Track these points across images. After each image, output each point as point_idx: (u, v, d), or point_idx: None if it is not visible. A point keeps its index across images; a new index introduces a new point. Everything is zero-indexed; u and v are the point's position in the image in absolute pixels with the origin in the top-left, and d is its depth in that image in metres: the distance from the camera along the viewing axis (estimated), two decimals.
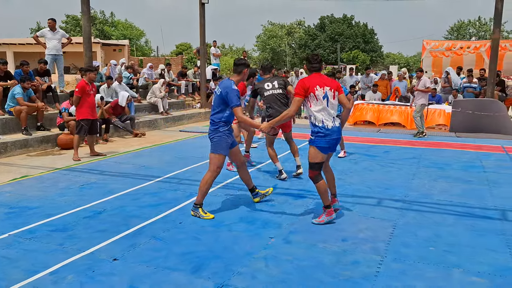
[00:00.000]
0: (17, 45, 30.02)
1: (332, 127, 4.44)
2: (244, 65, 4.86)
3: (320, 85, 4.46)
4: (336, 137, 4.50)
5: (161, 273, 3.50)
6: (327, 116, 4.46)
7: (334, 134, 4.47)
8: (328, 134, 4.43)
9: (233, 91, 4.64)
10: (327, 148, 4.49)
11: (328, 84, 4.51)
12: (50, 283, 3.31)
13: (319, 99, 4.43)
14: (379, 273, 3.54)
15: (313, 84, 4.44)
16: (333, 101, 4.51)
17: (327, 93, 4.46)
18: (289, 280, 3.40)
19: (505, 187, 6.17)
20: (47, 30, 10.71)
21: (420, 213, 5.04)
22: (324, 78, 4.60)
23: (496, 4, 11.07)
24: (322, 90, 4.45)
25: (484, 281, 3.42)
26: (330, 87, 4.51)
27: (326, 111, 4.45)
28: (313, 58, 4.63)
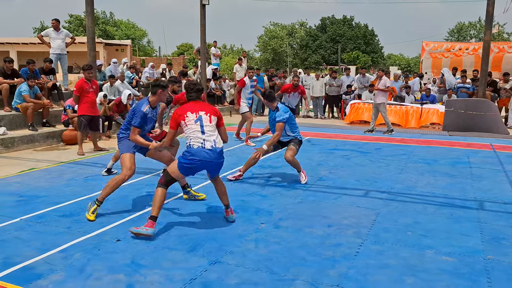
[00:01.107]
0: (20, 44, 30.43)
1: (197, 148, 4.29)
2: (158, 86, 4.94)
3: (192, 111, 4.41)
4: (199, 161, 4.28)
5: (160, 252, 3.86)
6: (196, 137, 4.33)
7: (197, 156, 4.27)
8: (190, 155, 4.29)
9: (138, 111, 4.80)
10: (186, 168, 4.33)
11: (203, 109, 4.45)
12: (60, 259, 3.67)
13: (189, 124, 4.36)
14: (359, 253, 3.89)
15: (184, 112, 4.42)
16: (209, 124, 4.38)
17: (201, 117, 4.38)
18: (276, 258, 3.75)
19: (486, 181, 6.51)
20: (51, 30, 11.10)
21: (403, 203, 5.39)
22: (201, 105, 4.51)
23: (488, 7, 11.41)
24: (194, 115, 4.38)
25: (454, 260, 3.77)
26: (206, 111, 4.44)
27: (195, 134, 4.34)
28: (189, 87, 4.61)
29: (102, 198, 4.77)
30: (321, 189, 6.00)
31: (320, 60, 56.14)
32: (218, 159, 4.41)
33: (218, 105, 16.18)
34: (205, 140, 4.32)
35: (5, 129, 8.62)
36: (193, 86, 4.62)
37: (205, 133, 4.34)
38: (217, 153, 4.36)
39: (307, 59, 57.71)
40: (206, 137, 4.33)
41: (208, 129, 4.37)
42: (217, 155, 4.37)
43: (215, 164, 4.41)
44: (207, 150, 4.30)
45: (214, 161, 4.36)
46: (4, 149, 8.24)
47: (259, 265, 3.62)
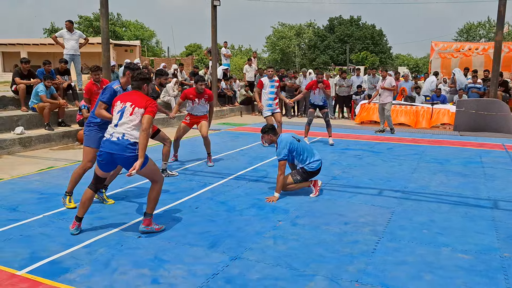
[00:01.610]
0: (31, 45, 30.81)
1: (106, 139, 4.18)
2: (127, 67, 5.01)
3: (122, 100, 4.27)
4: (107, 150, 4.12)
5: (181, 248, 3.96)
6: (109, 127, 4.25)
7: (103, 146, 4.17)
8: (101, 146, 4.21)
9: (107, 88, 4.85)
10: (100, 162, 4.23)
11: (131, 101, 4.21)
12: (85, 254, 3.78)
13: (113, 113, 4.28)
14: (376, 250, 3.96)
15: (116, 100, 4.35)
16: (129, 116, 4.14)
17: (124, 108, 4.20)
18: (294, 255, 3.83)
19: (499, 180, 6.54)
20: (65, 31, 11.29)
21: (417, 202, 5.45)
22: (134, 95, 4.27)
23: (499, 7, 11.39)
24: (121, 105, 4.23)
25: (470, 257, 3.82)
26: (132, 103, 4.19)
27: (111, 124, 4.25)
28: (133, 74, 4.42)
29: (69, 189, 5.11)
30: (336, 188, 6.07)
31: (329, 61, 56.10)
32: (123, 152, 4.08)
33: (229, 105, 16.29)
34: (114, 132, 4.15)
35: (22, 129, 8.79)
36: (138, 74, 4.36)
37: (118, 126, 4.15)
38: (124, 146, 4.07)
39: (315, 59, 57.71)
40: (117, 129, 4.14)
41: (124, 121, 4.14)
42: (123, 148, 4.07)
43: (121, 158, 4.10)
44: (113, 141, 4.10)
45: (117, 153, 4.08)
46: (22, 148, 8.40)
47: (278, 261, 3.70)
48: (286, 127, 11.40)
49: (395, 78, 15.15)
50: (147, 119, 4.12)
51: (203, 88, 7.45)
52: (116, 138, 4.11)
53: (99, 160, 4.23)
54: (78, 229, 4.25)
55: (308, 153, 5.69)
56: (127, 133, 4.11)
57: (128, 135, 4.10)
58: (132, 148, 4.10)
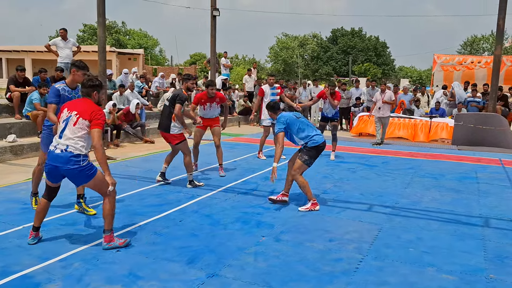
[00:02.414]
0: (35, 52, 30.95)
1: (49, 151, 4.09)
2: (73, 65, 4.90)
3: (69, 109, 4.14)
4: (52, 163, 4.03)
5: (158, 263, 3.86)
6: (54, 139, 4.14)
7: (48, 159, 4.09)
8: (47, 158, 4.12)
9: (52, 88, 4.84)
10: (46, 172, 4.16)
11: (78, 110, 4.08)
12: (59, 268, 3.69)
13: (60, 121, 4.15)
14: (358, 269, 3.85)
15: (64, 107, 4.21)
16: (73, 127, 4.02)
17: (69, 118, 4.07)
18: (274, 272, 3.73)
19: (493, 197, 6.42)
20: (59, 40, 11.19)
21: (407, 218, 5.34)
22: (81, 104, 4.16)
23: (498, 21, 11.35)
24: (67, 113, 4.11)
25: (454, 278, 3.71)
26: (78, 112, 4.06)
27: (56, 135, 4.16)
28: (83, 81, 4.31)
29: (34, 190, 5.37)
30: (325, 202, 5.96)
31: (331, 72, 56.14)
32: (66, 165, 3.96)
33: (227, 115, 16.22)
34: (58, 144, 4.04)
35: (14, 136, 8.75)
36: (87, 81, 4.23)
37: (62, 137, 4.03)
38: (67, 158, 3.95)
39: (318, 70, 57.79)
40: (61, 141, 4.03)
41: (67, 133, 4.03)
42: (66, 160, 3.95)
43: (65, 170, 4.00)
44: (57, 154, 3.99)
45: (61, 166, 3.98)
46: (13, 156, 8.35)
47: (256, 279, 3.60)
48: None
49: (394, 91, 15.11)
50: (96, 133, 4.00)
51: (214, 92, 7.58)
52: (60, 151, 4.00)
53: (45, 171, 4.16)
54: (35, 239, 4.22)
55: (309, 129, 5.66)
56: (70, 145, 3.99)
57: (72, 148, 3.99)
58: (75, 160, 3.97)
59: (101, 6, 10.38)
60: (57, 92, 4.79)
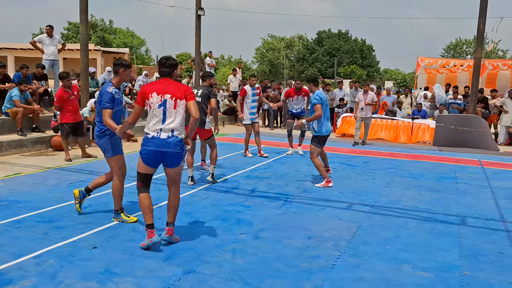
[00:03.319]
0: (18, 49, 30.38)
1: (152, 137, 4.04)
2: (121, 65, 4.70)
3: (158, 92, 4.04)
4: (156, 149, 4.04)
5: (135, 260, 3.83)
6: (154, 125, 4.06)
7: (152, 146, 4.04)
8: (147, 144, 4.08)
9: (105, 93, 4.61)
10: (145, 158, 4.12)
11: (170, 92, 4.05)
12: (33, 265, 3.64)
13: (153, 107, 4.04)
14: (335, 266, 3.87)
15: (150, 90, 4.07)
16: (173, 110, 4.03)
17: (165, 101, 4.04)
18: (251, 269, 3.73)
19: (471, 196, 6.52)
20: (45, 37, 11.10)
21: (386, 216, 5.39)
22: (168, 85, 4.10)
23: (479, 25, 11.53)
24: (159, 97, 4.03)
25: (429, 275, 3.75)
26: (172, 95, 4.05)
27: (154, 121, 4.06)
28: (161, 61, 4.18)
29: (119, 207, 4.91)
30: (305, 201, 5.98)
31: (317, 73, 56.45)
32: (174, 150, 4.05)
33: None
34: (162, 129, 4.02)
35: None
36: (167, 60, 4.16)
37: (166, 121, 4.02)
38: (174, 144, 4.04)
39: (303, 71, 58.04)
40: (164, 126, 4.02)
41: (169, 116, 4.02)
42: (173, 146, 4.04)
43: (171, 155, 4.06)
44: (163, 139, 4.01)
45: (169, 151, 4.04)
46: None
47: (233, 275, 3.60)
48: (268, 138, 11.34)
49: (376, 93, 15.24)
50: (194, 105, 4.08)
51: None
52: (166, 136, 4.02)
53: (145, 158, 4.10)
54: (159, 238, 4.11)
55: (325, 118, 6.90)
56: (175, 129, 4.05)
57: (177, 132, 4.06)
58: (181, 144, 4.10)
59: (84, 2, 10.27)
60: (112, 97, 4.62)
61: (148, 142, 4.05)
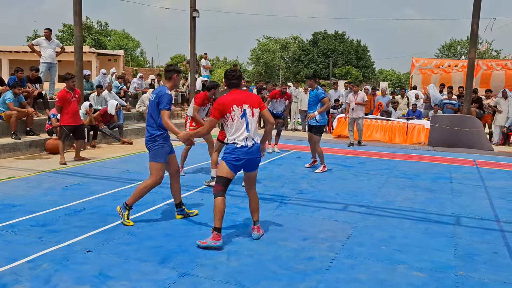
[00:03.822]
0: (12, 52, 30.29)
1: (240, 146, 4.23)
2: (174, 70, 4.83)
3: (238, 104, 4.26)
4: (246, 157, 4.25)
5: (130, 263, 3.82)
6: (240, 135, 4.24)
7: (243, 154, 4.24)
8: (237, 152, 4.23)
9: (165, 95, 4.66)
10: (234, 166, 4.28)
11: (247, 102, 4.30)
12: (27, 269, 3.62)
13: (236, 119, 4.24)
14: (330, 267, 3.87)
15: (230, 103, 4.24)
16: (251, 118, 4.29)
17: (245, 112, 4.27)
18: (246, 271, 3.73)
19: (466, 196, 6.55)
20: (43, 39, 11.08)
21: (381, 217, 5.40)
22: (243, 95, 4.34)
23: (472, 26, 11.60)
24: (239, 109, 4.25)
25: (424, 275, 3.76)
26: (249, 105, 4.29)
27: (239, 131, 4.25)
28: (231, 74, 4.42)
29: (131, 203, 4.88)
30: (301, 202, 5.99)
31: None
32: (258, 155, 4.37)
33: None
34: (247, 137, 4.26)
35: None
36: (234, 72, 4.43)
37: (250, 131, 4.28)
38: (257, 149, 4.35)
39: (299, 73, 58.11)
40: (249, 135, 4.27)
41: (251, 126, 4.30)
42: (257, 152, 4.36)
43: (255, 160, 4.38)
44: (250, 147, 4.26)
45: (255, 157, 4.34)
46: None
47: (228, 278, 3.59)
48: None
49: (371, 94, 15.29)
50: (268, 113, 4.45)
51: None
52: (251, 144, 4.28)
53: (234, 166, 4.27)
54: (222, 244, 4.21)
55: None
56: (255, 136, 4.34)
57: (256, 138, 4.35)
58: (259, 149, 4.39)
59: (78, 4, 10.25)
60: (171, 99, 4.75)
61: (237, 151, 4.24)
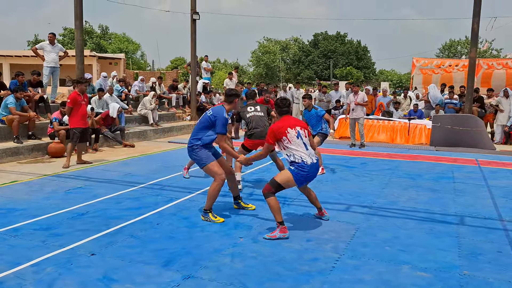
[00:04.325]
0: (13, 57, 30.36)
1: (310, 164, 4.66)
2: (235, 95, 5.29)
3: (291, 127, 4.73)
4: (312, 173, 4.73)
5: (134, 266, 3.81)
6: (307, 152, 4.70)
7: (311, 171, 4.69)
8: (306, 170, 4.64)
9: (222, 118, 5.02)
10: (301, 181, 4.73)
11: (298, 125, 4.81)
12: (31, 273, 3.62)
13: (293, 140, 4.68)
14: (334, 268, 3.86)
15: (284, 127, 4.71)
16: (306, 139, 4.78)
17: (299, 133, 4.75)
18: (250, 273, 3.72)
19: (469, 196, 6.53)
20: (47, 44, 11.13)
21: (384, 218, 5.38)
22: (294, 120, 4.87)
23: (473, 25, 11.59)
24: (293, 131, 4.71)
25: (429, 275, 3.75)
26: (300, 127, 4.81)
27: (302, 149, 4.69)
28: (282, 102, 4.94)
29: (208, 206, 5.11)
30: (303, 203, 5.95)
31: (313, 75, 56.58)
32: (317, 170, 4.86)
33: None
34: (310, 155, 4.71)
35: None
36: (285, 101, 4.96)
37: (308, 148, 4.75)
38: (315, 165, 4.77)
39: (299, 74, 58.16)
40: (309, 153, 4.73)
41: (306, 143, 4.77)
42: (317, 167, 4.83)
43: (316, 174, 4.84)
44: (315, 164, 4.73)
45: (316, 171, 4.82)
46: None
47: (232, 280, 3.58)
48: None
49: (373, 94, 15.28)
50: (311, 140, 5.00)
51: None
52: (315, 160, 4.77)
53: (302, 181, 4.72)
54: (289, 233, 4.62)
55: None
56: (314, 154, 4.80)
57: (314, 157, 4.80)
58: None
59: (78, 8, 10.27)
60: (227, 122, 5.13)
61: (308, 168, 4.67)
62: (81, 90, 8.26)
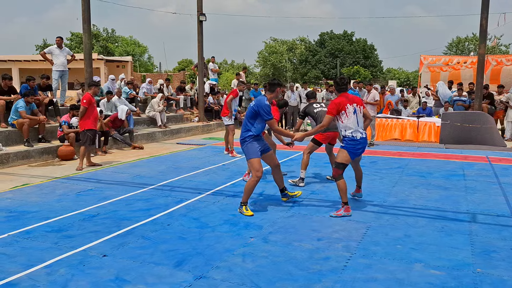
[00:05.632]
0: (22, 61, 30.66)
1: (360, 138, 5.31)
2: (278, 84, 5.56)
3: (350, 103, 5.33)
4: (362, 146, 5.39)
5: (146, 267, 3.83)
6: (358, 127, 5.32)
7: (360, 144, 5.36)
8: (356, 143, 5.31)
9: (265, 106, 5.31)
10: (354, 153, 5.37)
11: (354, 102, 5.39)
12: (44, 275, 3.64)
13: (350, 115, 5.29)
14: (346, 267, 3.85)
15: (344, 103, 5.30)
16: (360, 115, 5.39)
17: (355, 109, 5.34)
18: (262, 273, 3.71)
19: (480, 193, 6.47)
20: (55, 48, 11.25)
21: (395, 216, 5.35)
22: (350, 97, 5.43)
23: (481, 21, 11.49)
24: (352, 107, 5.32)
25: (442, 273, 3.72)
26: (357, 104, 5.40)
27: (354, 125, 5.31)
28: (341, 81, 5.50)
29: (244, 200, 5.40)
30: (313, 202, 5.97)
31: (320, 75, 56.44)
32: (366, 143, 5.50)
33: (216, 120, 16.23)
34: (360, 130, 5.34)
35: (0, 145, 8.64)
36: (344, 80, 5.51)
37: (359, 124, 5.36)
38: (365, 139, 5.43)
39: (306, 74, 58.04)
40: (359, 128, 5.34)
41: (359, 120, 5.38)
42: (366, 141, 5.48)
43: (365, 147, 5.51)
44: (364, 137, 5.37)
45: (366, 144, 5.50)
46: None
47: (244, 279, 3.58)
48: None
49: (381, 93, 15.21)
50: (367, 110, 5.78)
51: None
52: (365, 135, 5.41)
53: (355, 153, 5.39)
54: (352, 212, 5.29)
55: None
56: (363, 130, 5.44)
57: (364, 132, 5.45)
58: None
59: (86, 12, 10.34)
60: (270, 108, 5.40)
61: (357, 142, 5.35)
62: (94, 93, 8.42)
